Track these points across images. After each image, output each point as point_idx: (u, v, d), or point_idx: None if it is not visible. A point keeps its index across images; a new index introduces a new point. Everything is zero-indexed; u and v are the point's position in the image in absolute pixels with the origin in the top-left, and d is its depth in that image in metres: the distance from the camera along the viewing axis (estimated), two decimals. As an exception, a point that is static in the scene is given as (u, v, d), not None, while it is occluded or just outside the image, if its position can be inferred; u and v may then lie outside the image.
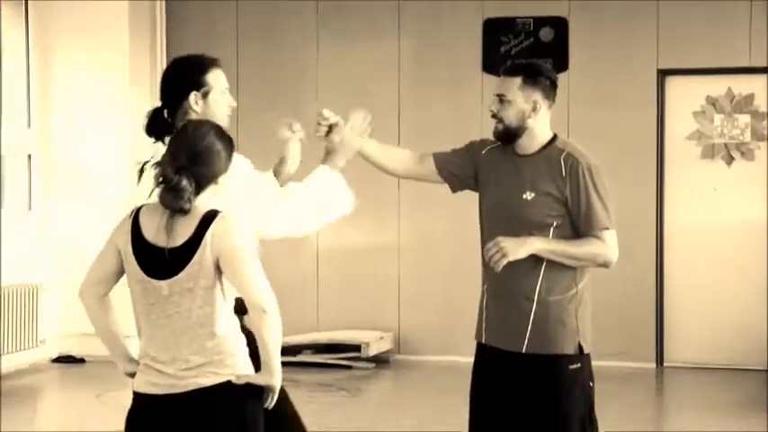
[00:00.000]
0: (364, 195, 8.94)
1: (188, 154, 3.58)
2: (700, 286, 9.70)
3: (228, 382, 3.56)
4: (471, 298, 9.68)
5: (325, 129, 4.39)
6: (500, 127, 4.36)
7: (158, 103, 4.09)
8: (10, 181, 9.56)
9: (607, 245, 4.27)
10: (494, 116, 4.39)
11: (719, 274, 9.65)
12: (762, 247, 9.57)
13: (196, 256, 3.51)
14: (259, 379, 3.59)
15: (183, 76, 4.02)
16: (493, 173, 4.40)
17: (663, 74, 9.72)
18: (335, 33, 10.09)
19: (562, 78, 8.56)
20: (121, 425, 3.69)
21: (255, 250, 3.61)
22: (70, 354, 9.79)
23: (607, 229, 4.26)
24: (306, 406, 8.21)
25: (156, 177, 3.55)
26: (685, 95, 9.75)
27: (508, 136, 4.36)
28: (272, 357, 3.57)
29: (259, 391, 3.62)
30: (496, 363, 4.35)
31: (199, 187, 3.57)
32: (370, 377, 9.34)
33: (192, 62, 4.06)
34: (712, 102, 9.69)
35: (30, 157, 9.91)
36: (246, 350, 3.64)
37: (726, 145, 9.66)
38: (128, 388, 3.74)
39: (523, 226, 4.21)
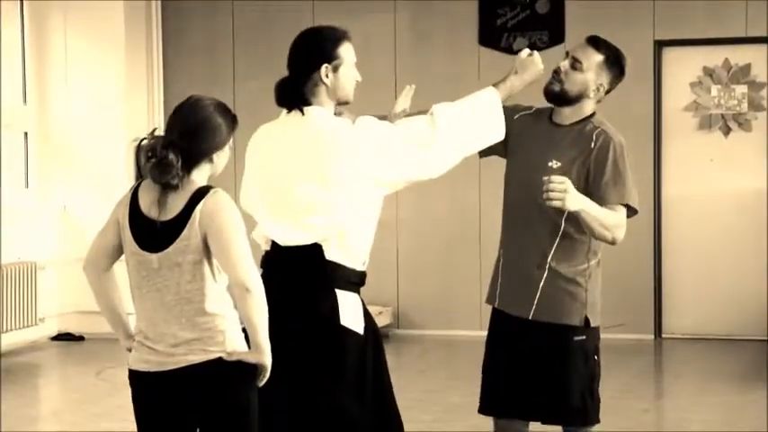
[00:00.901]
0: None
1: (181, 129, 3.58)
2: (697, 257, 9.71)
3: (219, 359, 3.55)
4: (470, 272, 9.79)
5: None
6: (557, 88, 4.33)
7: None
8: (7, 158, 9.55)
9: (622, 219, 4.27)
10: (556, 73, 4.33)
11: (717, 245, 9.66)
12: (759, 218, 9.58)
13: (185, 231, 3.51)
14: (249, 356, 3.58)
15: (315, 49, 3.98)
16: (524, 138, 4.39)
17: (659, 45, 9.70)
18: (331, 7, 10.05)
19: (558, 51, 8.58)
20: (121, 401, 3.71)
21: (243, 229, 3.58)
22: (69, 331, 9.81)
23: (626, 206, 4.27)
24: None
25: (145, 152, 3.55)
26: (682, 66, 9.73)
27: (560, 99, 4.34)
28: (260, 335, 3.55)
29: (251, 370, 3.60)
30: (506, 327, 4.38)
31: (191, 162, 3.56)
32: (369, 351, 9.33)
33: (325, 34, 4.03)
34: (709, 72, 9.67)
35: (26, 134, 9.89)
36: (239, 328, 3.62)
37: (723, 116, 9.65)
38: (127, 365, 3.75)
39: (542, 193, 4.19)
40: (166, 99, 10.17)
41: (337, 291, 3.89)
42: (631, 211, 4.34)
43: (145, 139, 3.63)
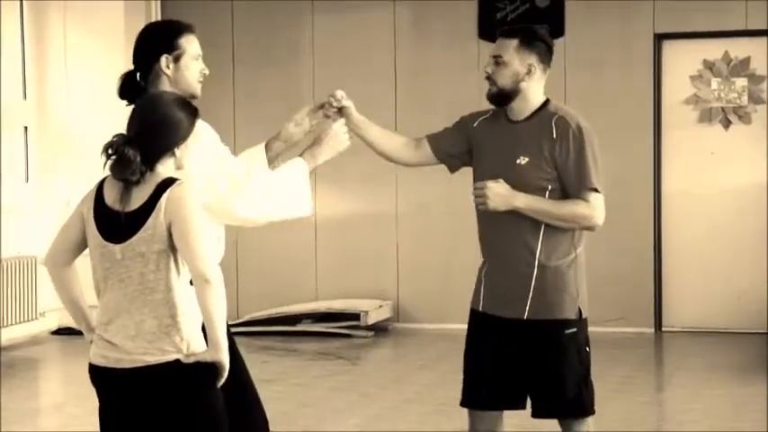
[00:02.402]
0: (361, 164, 8.99)
1: (140, 125, 3.58)
2: (697, 250, 9.71)
3: (177, 362, 3.52)
4: (469, 266, 9.65)
5: (334, 110, 4.36)
6: (494, 89, 4.34)
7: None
8: (7, 153, 9.54)
9: (593, 207, 4.23)
10: (488, 78, 4.36)
11: (717, 238, 9.66)
12: (759, 211, 9.58)
13: (149, 221, 3.51)
14: (206, 355, 3.54)
15: (154, 39, 3.98)
16: (486, 141, 4.39)
17: (659, 38, 9.70)
18: (331, 3, 10.04)
19: (558, 44, 8.57)
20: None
21: (206, 222, 3.57)
22: (70, 326, 9.80)
23: (594, 190, 4.23)
24: (306, 374, 8.26)
25: (105, 148, 3.54)
26: (682, 59, 9.73)
27: (501, 98, 4.34)
28: (217, 331, 3.51)
29: (211, 370, 3.56)
30: (494, 330, 4.35)
31: (151, 158, 3.55)
32: (369, 345, 9.36)
33: (165, 25, 4.05)
34: (709, 65, 9.67)
35: (26, 129, 9.89)
36: (199, 326, 3.58)
37: (723, 109, 9.65)
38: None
39: (519, 191, 4.20)
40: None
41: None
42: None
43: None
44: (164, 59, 3.93)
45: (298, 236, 10.00)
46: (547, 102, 4.36)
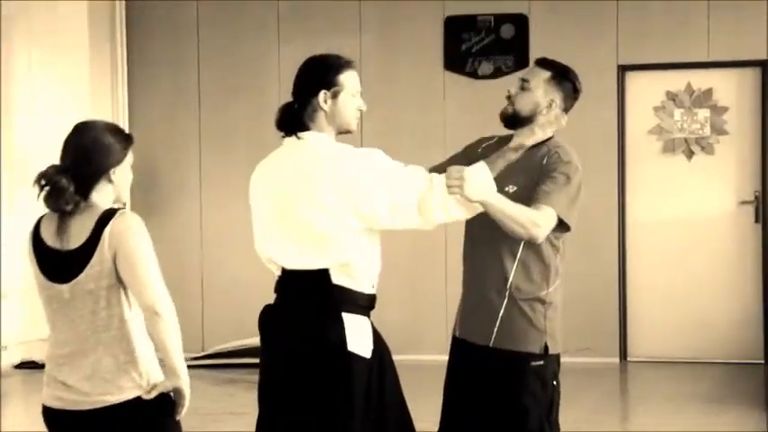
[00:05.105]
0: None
1: (72, 153, 3.55)
2: (662, 280, 9.75)
3: (138, 399, 3.48)
4: (435, 296, 9.77)
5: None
6: (510, 109, 4.35)
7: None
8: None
9: (543, 216, 4.13)
10: (508, 98, 4.37)
11: (681, 269, 9.71)
12: (723, 241, 9.64)
13: (95, 257, 3.44)
14: (167, 384, 3.50)
15: (315, 75, 3.99)
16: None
17: (623, 69, 9.76)
18: (297, 32, 10.06)
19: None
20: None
21: (152, 252, 3.53)
22: (33, 359, 9.72)
23: (553, 210, 4.17)
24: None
25: (38, 179, 3.51)
26: (645, 90, 9.80)
27: (514, 121, 4.34)
28: (175, 359, 3.48)
29: (170, 401, 3.53)
30: (467, 355, 4.38)
31: (86, 185, 3.51)
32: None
33: (326, 61, 4.03)
34: (672, 97, 9.74)
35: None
36: (155, 359, 3.56)
37: (686, 140, 9.72)
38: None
39: None
40: (131, 118, 10.15)
41: (344, 315, 3.87)
42: (564, 227, 4.25)
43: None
44: (322, 95, 3.94)
45: (264, 266, 9.94)
46: (551, 138, 4.36)
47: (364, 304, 3.97)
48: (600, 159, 9.59)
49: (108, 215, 3.48)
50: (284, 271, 3.95)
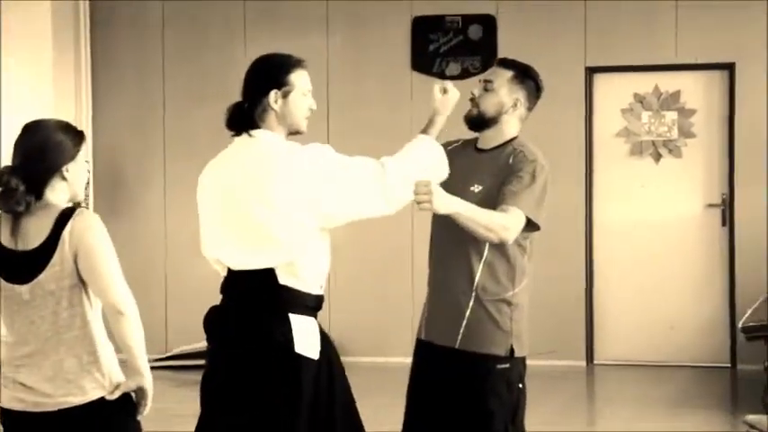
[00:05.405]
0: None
1: (22, 153, 3.51)
2: (629, 283, 9.74)
3: (101, 399, 3.45)
4: (404, 297, 9.74)
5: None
6: (474, 111, 4.35)
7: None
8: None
9: (512, 218, 4.11)
10: (472, 100, 4.36)
11: (648, 272, 9.71)
12: (690, 244, 9.64)
13: (56, 257, 3.41)
14: (131, 383, 3.49)
15: (265, 74, 3.97)
16: (450, 167, 4.37)
17: (591, 71, 9.76)
18: (263, 33, 10.00)
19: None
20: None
21: (112, 250, 3.49)
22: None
23: (521, 211, 4.15)
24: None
25: None
26: (613, 93, 9.79)
27: (479, 123, 4.35)
28: (138, 358, 3.47)
29: (131, 400, 3.51)
30: (432, 358, 4.34)
31: (38, 184, 3.47)
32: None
33: (277, 60, 4.02)
34: (640, 99, 9.74)
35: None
36: (115, 358, 3.53)
37: (653, 142, 9.72)
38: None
39: None
40: (96, 120, 10.07)
41: (291, 316, 3.81)
42: (533, 227, 4.23)
43: None
44: (272, 95, 3.91)
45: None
46: (515, 138, 4.36)
47: (312, 305, 3.90)
48: (567, 161, 9.57)
49: (67, 214, 3.44)
50: (230, 271, 3.90)
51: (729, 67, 9.52)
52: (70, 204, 3.53)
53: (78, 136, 3.58)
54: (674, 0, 9.52)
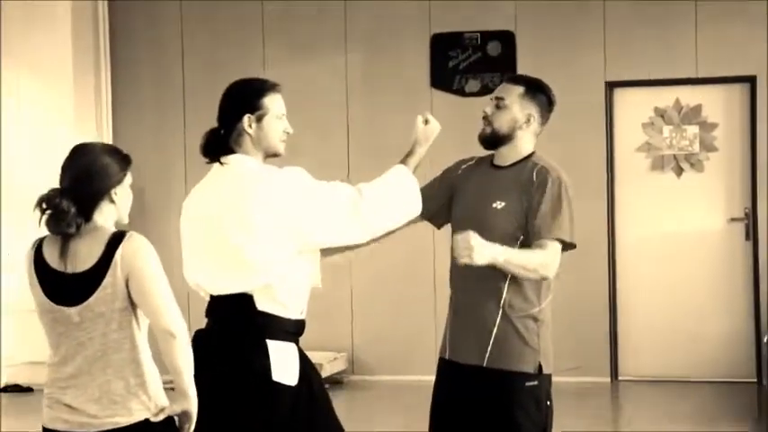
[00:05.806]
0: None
1: (70, 175, 3.53)
2: (652, 298, 9.69)
3: (146, 421, 3.48)
4: (425, 316, 9.71)
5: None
6: (488, 130, 4.34)
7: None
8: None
9: (552, 255, 4.16)
10: (485, 118, 4.35)
11: (671, 287, 9.65)
12: (713, 259, 9.59)
13: (107, 279, 3.44)
14: (175, 407, 3.51)
15: (238, 98, 3.97)
16: (467, 185, 4.39)
17: (611, 86, 9.73)
18: (282, 51, 10.02)
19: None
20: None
21: (163, 273, 3.52)
22: (17, 383, 9.63)
23: (560, 241, 4.19)
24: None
25: (39, 203, 3.49)
26: (634, 107, 9.76)
27: (493, 141, 4.34)
28: (186, 382, 3.49)
29: (173, 423, 3.53)
30: (457, 377, 4.31)
31: (87, 207, 3.50)
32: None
33: (250, 85, 4.03)
34: (661, 113, 9.70)
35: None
36: (160, 381, 3.55)
37: (675, 156, 9.68)
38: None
39: (492, 236, 4.11)
40: (116, 140, 10.09)
41: (269, 342, 3.81)
42: (569, 246, 4.25)
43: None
44: (246, 119, 3.92)
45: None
46: (532, 153, 4.35)
47: (291, 330, 3.89)
48: (588, 176, 9.54)
49: (118, 237, 3.49)
50: (212, 296, 3.92)
51: (750, 81, 9.48)
52: (120, 228, 3.56)
53: (125, 160, 3.62)
54: (694, 14, 9.50)
